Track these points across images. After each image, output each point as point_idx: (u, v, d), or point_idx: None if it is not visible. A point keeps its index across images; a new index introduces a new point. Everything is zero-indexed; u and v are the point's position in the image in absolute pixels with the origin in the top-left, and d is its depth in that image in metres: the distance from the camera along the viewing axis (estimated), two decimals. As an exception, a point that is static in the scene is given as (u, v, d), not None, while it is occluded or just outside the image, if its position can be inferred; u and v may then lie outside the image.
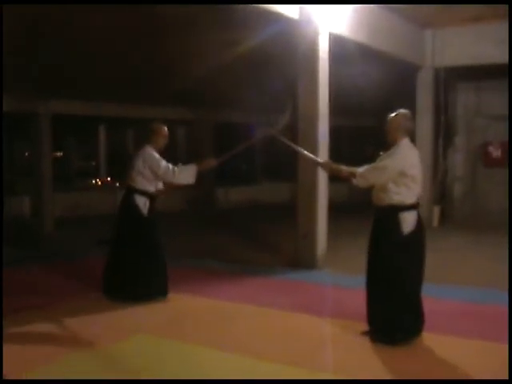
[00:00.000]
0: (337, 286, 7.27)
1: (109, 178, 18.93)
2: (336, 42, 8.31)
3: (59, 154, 18.84)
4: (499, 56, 11.18)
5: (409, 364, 4.61)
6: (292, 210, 8.85)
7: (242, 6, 6.92)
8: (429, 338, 5.11)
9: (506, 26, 10.93)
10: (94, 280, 7.09)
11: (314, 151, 8.01)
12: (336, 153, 9.77)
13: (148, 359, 4.72)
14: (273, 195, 18.29)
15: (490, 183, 13.32)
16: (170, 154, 6.74)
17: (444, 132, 13.14)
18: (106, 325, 5.64)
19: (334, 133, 8.93)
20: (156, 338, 5.25)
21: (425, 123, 12.33)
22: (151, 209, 6.37)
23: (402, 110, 5.19)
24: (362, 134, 19.74)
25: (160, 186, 6.47)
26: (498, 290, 6.89)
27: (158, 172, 6.22)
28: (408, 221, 4.90)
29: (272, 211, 15.95)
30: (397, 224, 4.89)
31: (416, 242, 4.97)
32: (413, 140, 12.52)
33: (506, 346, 4.80)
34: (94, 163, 19.92)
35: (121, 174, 18.87)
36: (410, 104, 12.28)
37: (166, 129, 6.43)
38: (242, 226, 13.38)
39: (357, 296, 6.46)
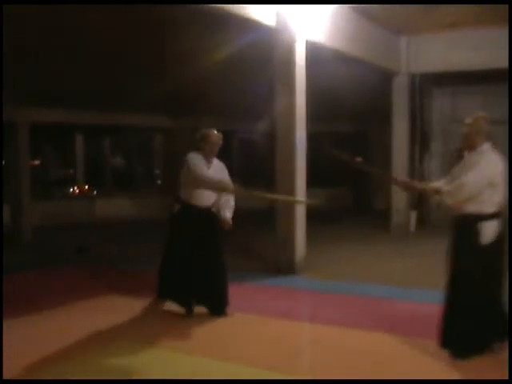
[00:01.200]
0: (316, 292, 7.32)
1: (86, 187, 18.82)
2: (312, 49, 8.38)
3: (37, 162, 18.69)
4: (474, 62, 11.38)
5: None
6: (269, 216, 8.88)
7: (220, 11, 6.96)
8: (410, 342, 5.17)
9: (480, 32, 11.16)
10: (73, 287, 7.06)
11: (292, 157, 8.11)
12: (314, 158, 9.86)
13: (129, 364, 4.72)
14: (249, 202, 18.29)
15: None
16: (146, 162, 6.72)
17: (420, 137, 13.29)
18: (89, 333, 5.62)
19: (312, 139, 8.99)
20: (142, 344, 5.23)
21: (401, 129, 12.49)
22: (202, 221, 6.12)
23: (481, 113, 4.87)
24: (339, 139, 19.88)
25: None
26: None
27: (195, 175, 5.84)
28: (488, 231, 4.56)
29: (249, 218, 15.94)
30: (475, 234, 4.58)
31: (495, 252, 4.63)
32: (390, 145, 12.65)
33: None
34: (71, 171, 19.80)
35: (98, 181, 18.80)
36: (386, 110, 12.45)
37: (217, 134, 6.03)
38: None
39: (336, 301, 6.54)
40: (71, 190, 18.78)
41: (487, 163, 4.59)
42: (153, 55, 9.08)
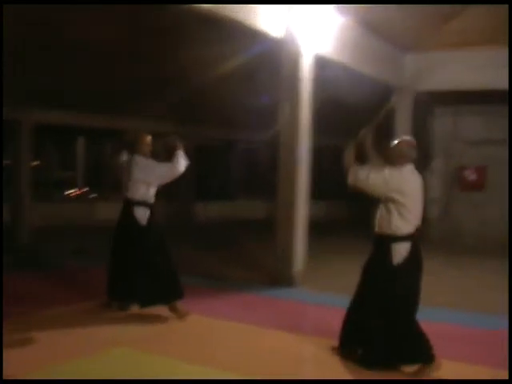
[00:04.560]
0: (314, 304, 7.34)
1: (85, 189, 18.84)
2: (319, 63, 8.43)
3: (37, 163, 18.72)
4: (477, 82, 11.44)
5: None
6: (268, 227, 8.90)
7: (227, 20, 6.99)
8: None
9: (484, 53, 11.24)
10: (70, 289, 7.05)
11: (294, 170, 8.13)
12: (318, 172, 9.89)
13: (120, 371, 4.72)
14: (249, 212, 18.37)
15: (465, 206, 13.56)
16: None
17: (422, 155, 13.32)
18: (81, 337, 5.62)
19: (316, 152, 9.01)
20: (131, 351, 5.24)
21: (403, 146, 12.51)
22: (151, 218, 6.35)
23: (406, 137, 5.13)
24: (340, 153, 19.90)
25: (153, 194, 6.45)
26: (477, 311, 7.06)
27: (164, 173, 6.36)
28: (399, 252, 4.70)
29: (249, 228, 15.99)
30: (387, 254, 4.73)
31: (406, 274, 4.74)
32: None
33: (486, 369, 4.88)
34: (72, 173, 19.83)
35: (98, 184, 18.81)
36: (389, 127, 12.48)
37: (149, 137, 6.50)
38: (220, 241, 13.40)
39: (334, 314, 6.53)
40: (70, 192, 18.79)
41: (401, 174, 4.74)
42: (160, 61, 9.12)
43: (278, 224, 8.38)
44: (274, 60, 8.22)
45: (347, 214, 18.24)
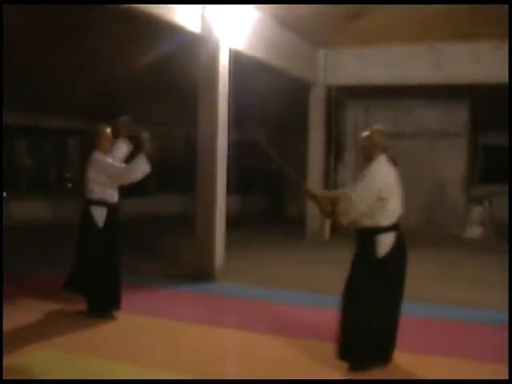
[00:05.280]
0: (237, 298, 7.39)
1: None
2: (235, 57, 8.47)
3: None
4: (386, 77, 11.87)
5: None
6: (186, 222, 8.88)
7: (144, 14, 6.89)
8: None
9: (392, 49, 11.66)
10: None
11: (213, 164, 8.15)
12: (236, 166, 9.93)
13: (47, 373, 4.60)
14: (165, 207, 18.20)
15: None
16: (60, 164, 6.59)
17: (334, 148, 13.68)
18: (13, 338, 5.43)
19: (233, 146, 9.05)
20: (60, 351, 5.13)
21: (317, 139, 12.80)
22: (110, 219, 6.18)
23: (377, 127, 4.93)
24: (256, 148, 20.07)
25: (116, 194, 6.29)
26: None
27: (117, 176, 6.10)
28: (383, 244, 4.60)
29: (166, 223, 15.85)
30: (371, 247, 4.61)
31: (392, 265, 4.64)
32: (306, 155, 12.90)
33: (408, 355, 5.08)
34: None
35: (11, 183, 18.05)
36: (303, 120, 12.73)
37: (107, 131, 6.25)
38: (137, 238, 13.20)
39: (256, 307, 6.64)
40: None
41: (372, 178, 4.63)
42: (74, 57, 8.88)
43: (198, 219, 8.37)
44: (191, 55, 8.18)
45: (262, 207, 18.43)
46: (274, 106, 12.64)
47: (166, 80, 10.16)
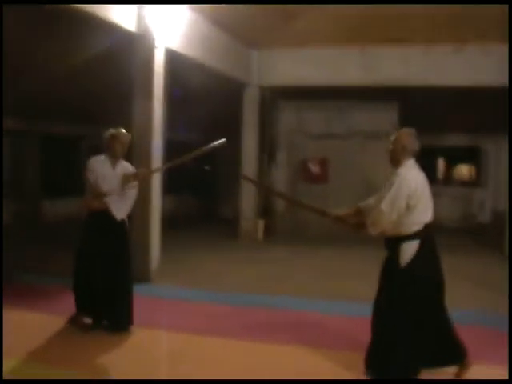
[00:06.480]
0: (171, 299, 7.35)
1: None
2: (171, 57, 8.42)
3: None
4: (317, 79, 12.05)
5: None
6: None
7: (78, 12, 6.74)
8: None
9: (324, 51, 11.87)
10: None
11: (149, 164, 8.05)
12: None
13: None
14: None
15: (309, 198, 14.11)
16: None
17: (268, 148, 13.78)
18: None
19: (168, 147, 8.96)
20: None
21: (250, 139, 12.85)
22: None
23: (406, 129, 4.69)
24: (191, 148, 19.93)
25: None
26: (321, 299, 7.48)
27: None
28: (406, 252, 4.42)
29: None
30: (396, 256, 4.46)
31: (419, 274, 4.44)
32: (239, 156, 12.91)
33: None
34: None
35: None
36: (237, 121, 12.76)
37: (127, 135, 5.86)
38: (70, 239, 12.86)
39: (191, 308, 6.62)
40: None
41: (400, 185, 4.39)
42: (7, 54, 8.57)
43: (133, 220, 8.25)
44: (127, 53, 8.07)
45: (195, 208, 18.36)
46: (208, 106, 12.60)
47: (102, 79, 9.98)
